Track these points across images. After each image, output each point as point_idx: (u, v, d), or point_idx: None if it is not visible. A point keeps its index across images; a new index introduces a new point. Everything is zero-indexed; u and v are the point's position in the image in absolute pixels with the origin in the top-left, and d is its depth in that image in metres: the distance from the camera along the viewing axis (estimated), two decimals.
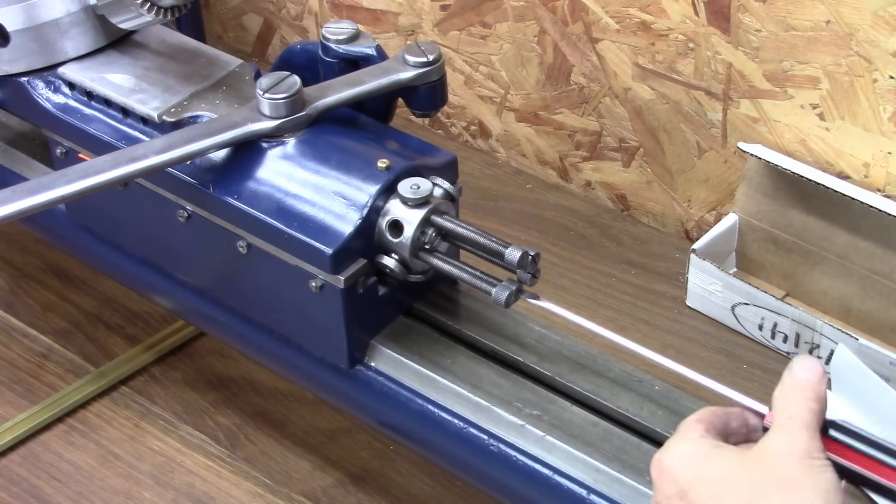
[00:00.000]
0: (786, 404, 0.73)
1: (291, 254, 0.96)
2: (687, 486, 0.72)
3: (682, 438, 0.75)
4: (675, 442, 0.75)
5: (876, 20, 1.16)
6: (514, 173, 1.52)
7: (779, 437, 0.72)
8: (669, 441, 0.75)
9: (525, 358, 0.98)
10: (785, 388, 0.74)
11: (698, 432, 0.75)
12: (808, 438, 0.72)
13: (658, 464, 0.74)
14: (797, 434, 0.72)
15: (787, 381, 0.74)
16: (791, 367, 0.75)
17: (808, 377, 0.74)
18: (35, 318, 1.33)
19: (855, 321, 1.26)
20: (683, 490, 0.72)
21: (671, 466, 0.73)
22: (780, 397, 0.74)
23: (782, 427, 0.73)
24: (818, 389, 0.74)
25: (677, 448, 0.74)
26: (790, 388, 0.74)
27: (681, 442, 0.75)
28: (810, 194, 1.25)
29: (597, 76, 1.39)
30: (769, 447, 0.72)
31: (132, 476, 1.17)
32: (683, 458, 0.73)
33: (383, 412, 1.01)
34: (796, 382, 0.74)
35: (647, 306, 1.33)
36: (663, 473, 0.73)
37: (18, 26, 1.08)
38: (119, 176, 0.96)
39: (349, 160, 0.98)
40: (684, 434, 0.75)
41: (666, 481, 0.73)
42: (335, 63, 1.05)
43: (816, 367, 0.74)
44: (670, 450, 0.74)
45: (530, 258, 0.92)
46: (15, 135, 1.25)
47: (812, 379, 0.74)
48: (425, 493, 1.15)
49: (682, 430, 0.76)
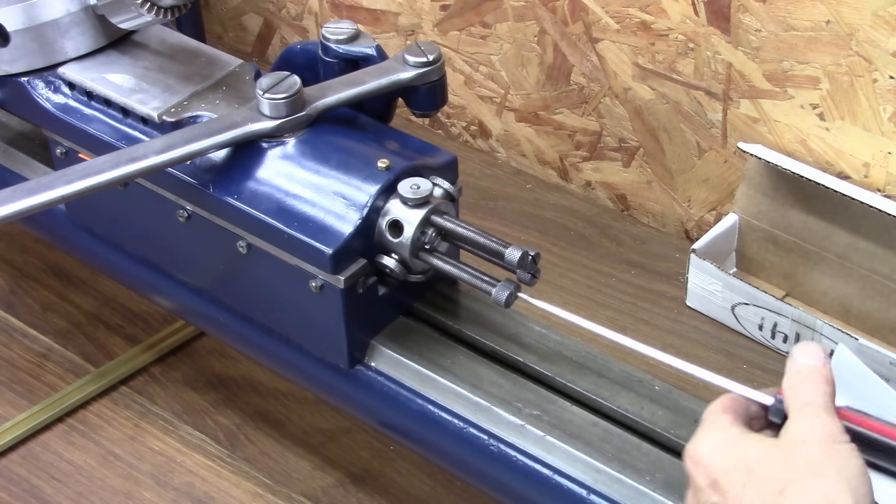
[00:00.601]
0: (798, 390, 0.73)
1: (291, 254, 0.96)
2: (718, 476, 0.72)
3: (710, 428, 0.75)
4: (704, 432, 0.75)
5: (876, 20, 1.16)
6: (514, 173, 1.52)
7: (798, 423, 0.72)
8: (698, 432, 0.75)
9: (525, 358, 0.98)
10: (792, 375, 0.74)
11: (727, 421, 0.75)
12: (829, 421, 0.71)
13: (692, 455, 0.74)
14: (816, 418, 0.72)
15: (793, 368, 0.74)
16: (793, 354, 0.75)
17: (814, 362, 0.74)
18: (35, 318, 1.33)
19: (855, 321, 1.26)
20: (715, 480, 0.72)
21: (703, 457, 0.73)
22: (790, 385, 0.74)
23: (800, 412, 0.72)
24: (825, 372, 0.74)
25: (708, 438, 0.74)
26: (798, 374, 0.74)
27: (710, 432, 0.74)
28: (810, 194, 1.25)
29: (597, 76, 1.39)
30: (792, 434, 0.72)
31: (132, 476, 1.17)
32: (714, 448, 0.73)
33: (383, 412, 1.01)
34: (803, 368, 0.74)
35: (647, 306, 1.33)
36: (698, 464, 0.73)
37: (18, 26, 1.08)
38: (119, 176, 0.96)
39: (349, 160, 0.98)
40: (712, 423, 0.75)
41: (699, 473, 0.73)
42: (335, 63, 1.05)
43: (818, 350, 0.74)
44: (701, 441, 0.74)
45: (530, 258, 0.92)
46: (15, 135, 1.25)
47: (817, 363, 0.74)
48: (425, 493, 1.15)
49: (708, 420, 0.75)
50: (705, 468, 0.73)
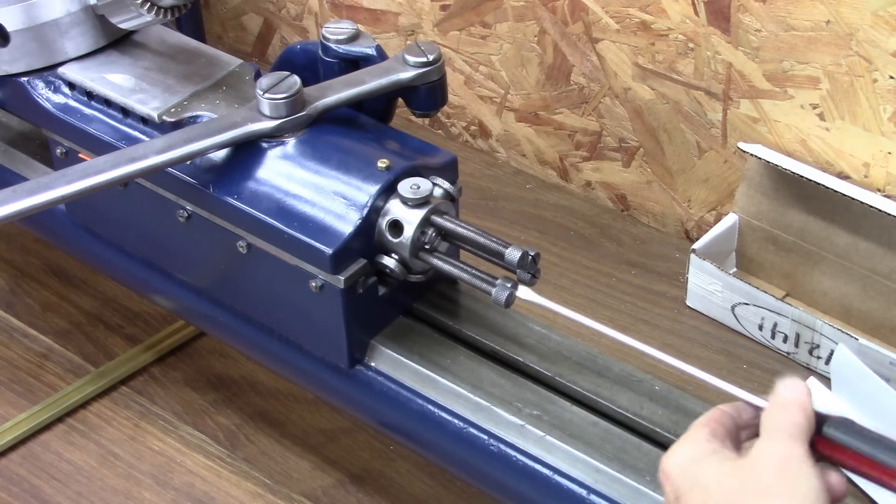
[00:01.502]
0: (772, 416, 0.76)
1: (291, 254, 0.96)
2: (681, 492, 0.74)
3: (685, 442, 0.77)
4: (678, 446, 0.77)
5: (876, 20, 1.16)
6: (514, 173, 1.52)
7: (762, 445, 0.74)
8: (675, 444, 0.77)
9: (525, 358, 0.98)
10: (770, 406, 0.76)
11: (704, 435, 0.76)
12: (791, 446, 0.73)
13: (663, 468, 0.76)
14: (779, 442, 0.74)
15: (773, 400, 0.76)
16: (776, 388, 0.76)
17: (792, 395, 0.76)
18: (35, 318, 1.33)
19: (855, 321, 1.26)
20: (678, 494, 0.74)
21: (671, 471, 0.75)
22: (767, 413, 0.76)
23: (766, 436, 0.75)
24: (804, 406, 0.75)
25: (679, 452, 0.76)
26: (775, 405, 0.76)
27: (683, 446, 0.76)
28: (810, 194, 1.25)
29: (597, 76, 1.39)
30: (752, 455, 0.74)
31: (132, 476, 1.17)
32: (681, 463, 0.75)
33: (383, 412, 1.01)
34: (781, 400, 0.76)
35: (647, 306, 1.33)
36: (667, 478, 0.76)
37: (18, 26, 1.08)
38: (119, 176, 0.96)
39: (349, 160, 0.98)
40: (689, 437, 0.77)
41: (668, 485, 0.75)
42: (335, 63, 1.05)
43: (800, 385, 0.76)
44: (672, 454, 0.76)
45: (530, 258, 0.92)
46: (15, 135, 1.25)
47: (796, 398, 0.76)
48: (425, 493, 1.15)
49: (689, 433, 0.77)
50: (672, 482, 0.75)
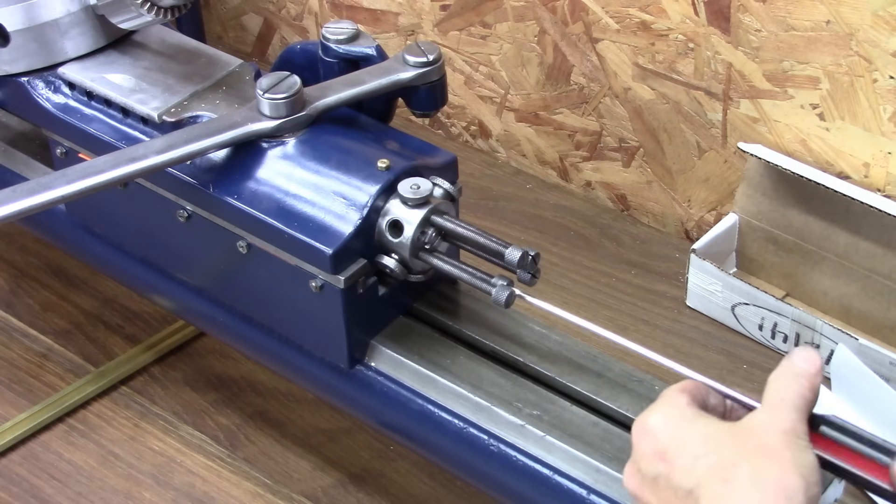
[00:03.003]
0: (779, 386, 0.74)
1: (291, 254, 0.96)
2: (668, 446, 0.73)
3: (665, 403, 0.76)
4: (658, 406, 0.76)
5: (876, 20, 1.16)
6: (514, 173, 1.52)
7: (766, 413, 0.73)
8: (653, 405, 0.76)
9: (525, 358, 0.98)
10: (781, 371, 0.75)
11: (683, 400, 0.75)
12: (796, 419, 0.72)
13: (642, 424, 0.75)
14: (785, 413, 0.72)
15: (786, 365, 0.75)
16: (791, 355, 0.75)
17: (807, 367, 0.75)
18: (35, 318, 1.33)
19: (855, 321, 1.26)
20: (664, 450, 0.73)
21: (655, 426, 0.74)
22: (775, 380, 0.75)
23: (771, 406, 0.73)
24: (814, 380, 0.74)
25: (661, 411, 0.75)
26: (786, 372, 0.75)
27: (664, 407, 0.75)
28: (810, 194, 1.25)
29: (597, 76, 1.39)
30: (755, 421, 0.73)
31: (132, 476, 1.17)
32: (667, 419, 0.74)
33: (383, 412, 1.01)
34: (794, 369, 0.75)
35: (647, 306, 1.33)
36: (647, 433, 0.74)
37: (18, 26, 1.08)
38: (119, 176, 0.96)
39: (349, 160, 0.98)
40: (667, 399, 0.76)
41: (647, 441, 0.74)
42: (335, 63, 1.05)
43: (816, 359, 0.75)
44: (654, 412, 0.75)
45: (530, 258, 0.92)
46: (15, 135, 1.25)
47: (810, 370, 0.74)
48: (425, 493, 1.15)
49: (665, 396, 0.76)
50: (655, 438, 0.73)
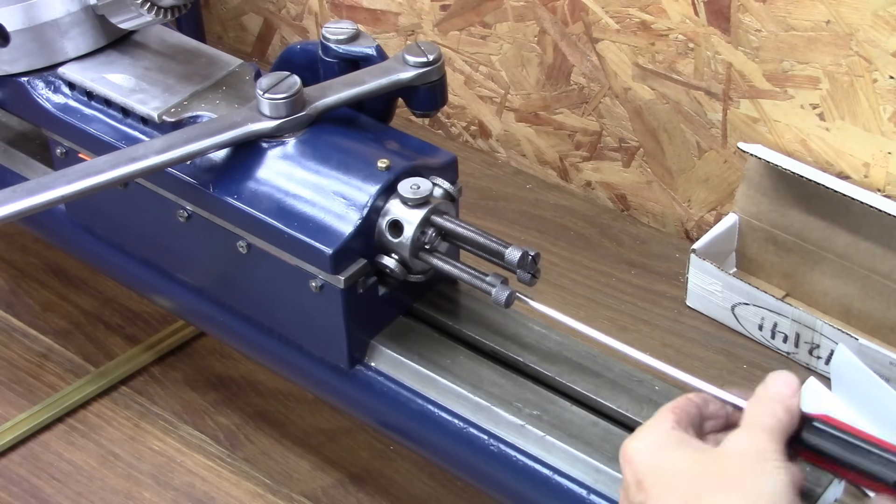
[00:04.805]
0: (753, 409, 0.75)
1: (291, 254, 0.96)
2: (645, 477, 0.74)
3: (650, 427, 0.76)
4: (642, 431, 0.76)
5: (876, 20, 1.16)
6: (514, 173, 1.52)
7: (736, 437, 0.74)
8: (639, 428, 0.76)
9: (525, 358, 0.98)
10: (755, 396, 0.76)
11: (669, 423, 0.76)
12: (765, 441, 0.73)
13: (623, 451, 0.76)
14: (753, 436, 0.73)
15: (760, 391, 0.76)
16: (766, 379, 0.76)
17: (781, 389, 0.75)
18: (35, 318, 1.33)
19: (855, 321, 1.26)
20: (641, 480, 0.74)
21: (633, 455, 0.75)
22: (749, 404, 0.76)
23: (742, 429, 0.74)
24: (789, 402, 0.75)
25: (643, 437, 0.76)
26: (760, 396, 0.76)
27: (648, 431, 0.76)
28: (810, 194, 1.25)
29: (597, 76, 1.39)
30: (724, 446, 0.74)
31: (132, 476, 1.17)
32: (645, 448, 0.75)
33: (383, 412, 1.01)
34: (768, 393, 0.75)
35: (647, 306, 1.33)
36: (629, 462, 0.75)
37: (18, 26, 1.08)
38: (119, 176, 0.96)
39: (349, 160, 0.98)
40: (654, 424, 0.77)
41: (629, 470, 0.75)
42: (335, 63, 1.05)
43: (791, 381, 0.76)
44: (636, 439, 0.76)
45: (530, 258, 0.92)
46: (15, 135, 1.25)
47: (784, 391, 0.75)
48: (425, 493, 1.15)
49: (654, 418, 0.77)
50: (635, 467, 0.74)
